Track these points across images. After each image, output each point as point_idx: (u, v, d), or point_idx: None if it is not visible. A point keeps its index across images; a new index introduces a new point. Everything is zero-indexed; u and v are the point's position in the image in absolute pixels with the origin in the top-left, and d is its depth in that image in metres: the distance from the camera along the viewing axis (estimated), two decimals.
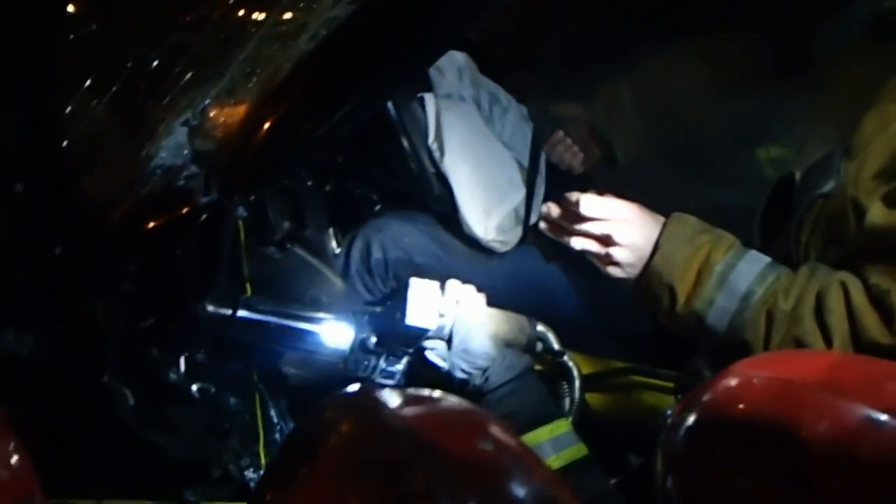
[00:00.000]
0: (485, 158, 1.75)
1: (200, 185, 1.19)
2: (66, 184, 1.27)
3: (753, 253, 1.29)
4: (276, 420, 1.68)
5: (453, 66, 1.79)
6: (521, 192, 1.74)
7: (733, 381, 0.88)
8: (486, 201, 1.71)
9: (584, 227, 1.35)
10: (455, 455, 0.66)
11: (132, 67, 1.27)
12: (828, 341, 1.17)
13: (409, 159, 1.64)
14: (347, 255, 1.81)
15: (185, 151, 1.26)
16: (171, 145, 1.27)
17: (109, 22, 1.32)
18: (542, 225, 1.40)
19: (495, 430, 0.71)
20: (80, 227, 1.26)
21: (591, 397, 1.76)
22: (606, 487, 1.33)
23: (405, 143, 1.63)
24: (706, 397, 0.89)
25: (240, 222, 1.37)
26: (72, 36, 1.31)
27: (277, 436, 1.68)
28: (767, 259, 1.28)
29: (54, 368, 1.37)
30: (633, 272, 1.34)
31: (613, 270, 1.35)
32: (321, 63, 1.19)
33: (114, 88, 1.27)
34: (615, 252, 1.33)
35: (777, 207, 1.41)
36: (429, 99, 1.70)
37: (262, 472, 1.56)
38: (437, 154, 1.68)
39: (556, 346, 1.50)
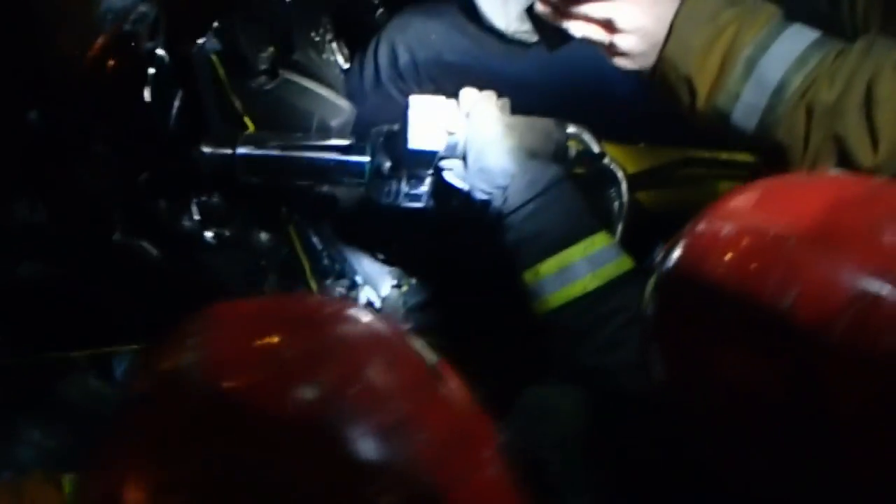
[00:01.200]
0: None
1: (146, 29, 1.07)
2: (31, 44, 1.18)
3: (795, 28, 1.03)
4: (319, 246, 1.62)
5: None
6: None
7: (709, 233, 0.73)
8: None
9: (585, 9, 1.11)
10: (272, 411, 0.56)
11: None
12: (875, 142, 0.95)
13: None
14: (375, 62, 1.65)
15: None
16: None
17: None
18: (539, 7, 1.17)
19: (346, 356, 0.60)
20: (47, 87, 1.18)
21: (649, 196, 1.59)
22: None
23: None
24: (680, 253, 0.75)
25: (214, 57, 1.24)
26: None
27: (326, 261, 1.63)
28: (815, 34, 1.02)
29: (72, 231, 1.35)
30: (646, 63, 1.10)
31: (621, 62, 1.12)
32: None
33: None
34: (620, 40, 1.09)
35: None
36: None
37: None
38: None
39: (594, 147, 1.33)
